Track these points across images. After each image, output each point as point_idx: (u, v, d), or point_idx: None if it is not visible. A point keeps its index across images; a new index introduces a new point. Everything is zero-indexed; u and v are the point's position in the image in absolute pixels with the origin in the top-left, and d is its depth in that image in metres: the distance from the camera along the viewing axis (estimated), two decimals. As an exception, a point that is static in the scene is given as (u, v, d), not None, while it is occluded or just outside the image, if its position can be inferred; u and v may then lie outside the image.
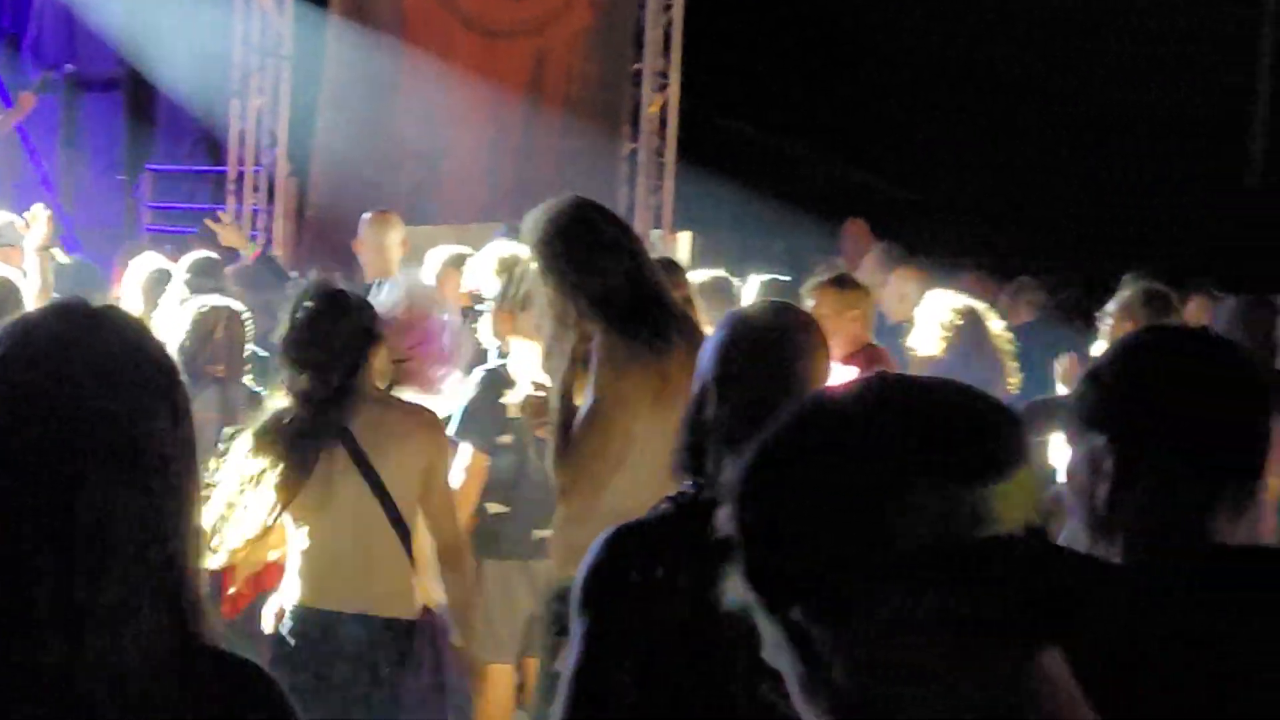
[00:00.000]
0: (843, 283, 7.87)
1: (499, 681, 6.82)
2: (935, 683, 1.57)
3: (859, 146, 22.11)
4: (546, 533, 5.91)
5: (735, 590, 1.69)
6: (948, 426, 1.61)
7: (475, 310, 7.91)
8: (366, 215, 9.90)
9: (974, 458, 1.58)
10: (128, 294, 8.67)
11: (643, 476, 5.02)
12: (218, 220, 10.99)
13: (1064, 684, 1.63)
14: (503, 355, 7.27)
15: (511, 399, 6.42)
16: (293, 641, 5.51)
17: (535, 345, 6.06)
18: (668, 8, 16.42)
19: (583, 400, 5.40)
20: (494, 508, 6.79)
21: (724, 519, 1.68)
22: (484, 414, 6.73)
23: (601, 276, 5.40)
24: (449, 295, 8.79)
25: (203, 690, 2.20)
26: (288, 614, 5.56)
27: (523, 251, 7.65)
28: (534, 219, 5.55)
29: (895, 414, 1.62)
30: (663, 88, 16.58)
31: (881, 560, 1.55)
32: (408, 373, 6.12)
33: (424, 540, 5.69)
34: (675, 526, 3.44)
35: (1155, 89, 22.29)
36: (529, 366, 6.25)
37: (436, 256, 9.37)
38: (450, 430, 6.39)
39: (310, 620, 5.51)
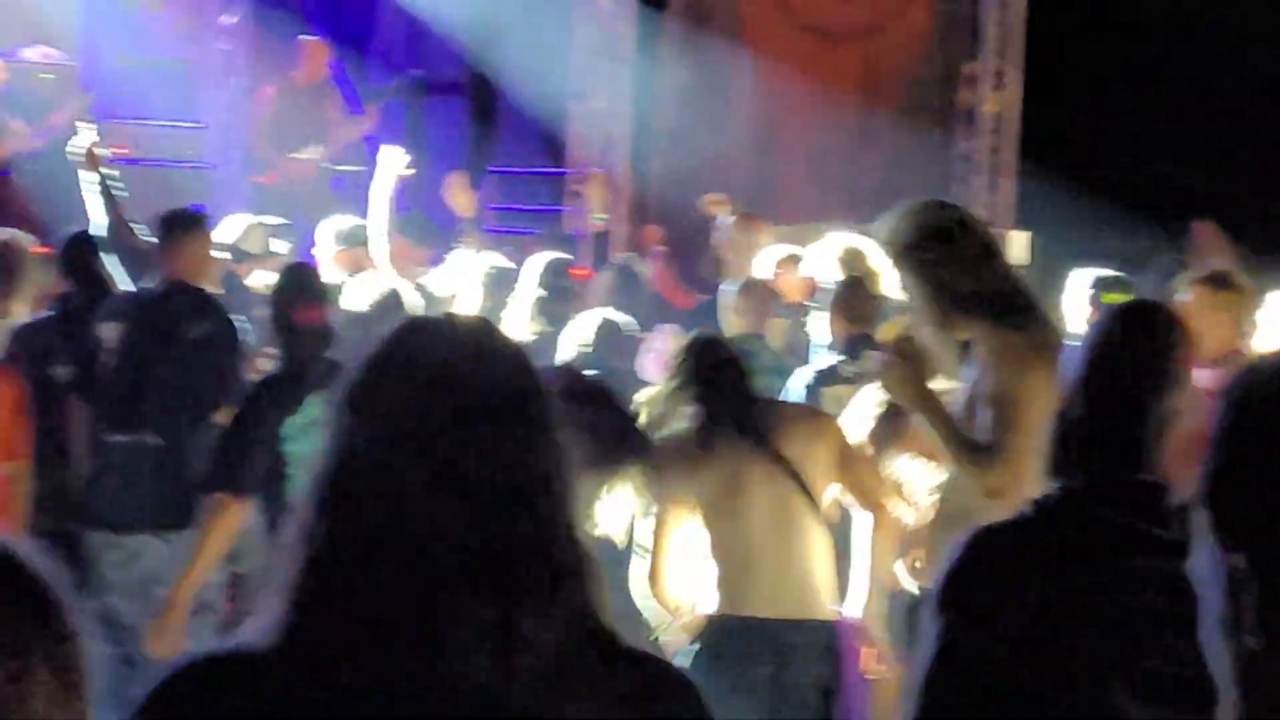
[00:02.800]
0: (1217, 281, 7.33)
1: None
2: None
3: (1201, 147, 21.64)
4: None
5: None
6: None
7: (810, 305, 7.97)
8: (731, 218, 9.99)
9: None
10: (466, 292, 8.87)
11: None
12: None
13: None
14: (844, 353, 7.31)
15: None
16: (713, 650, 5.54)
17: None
18: (1006, 6, 16.27)
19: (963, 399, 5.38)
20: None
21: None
22: None
23: (977, 275, 5.38)
24: (787, 292, 8.89)
25: (619, 690, 2.27)
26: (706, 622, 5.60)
27: (864, 243, 7.70)
28: (899, 222, 5.54)
29: None
30: (1000, 87, 16.44)
31: None
32: None
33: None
34: (1036, 530, 3.42)
35: None
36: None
37: (772, 254, 9.47)
38: None
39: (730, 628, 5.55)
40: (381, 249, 9.11)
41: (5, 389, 7.48)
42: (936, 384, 5.55)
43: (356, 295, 7.42)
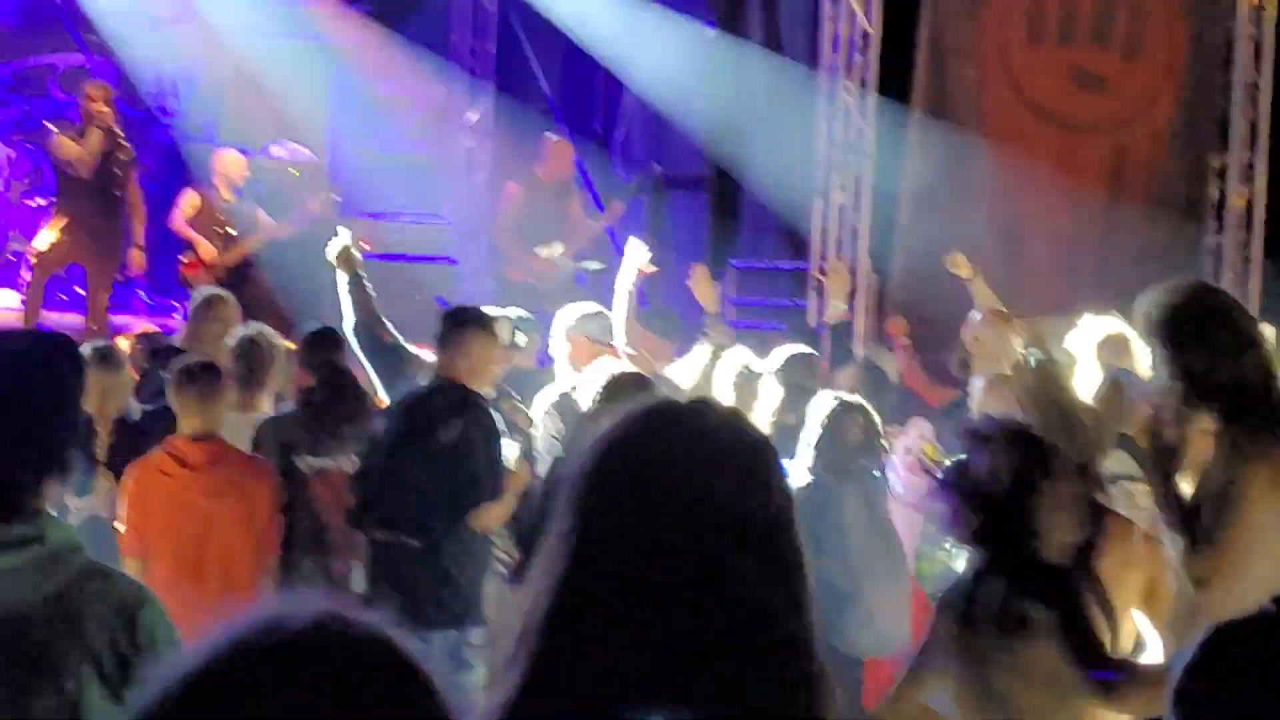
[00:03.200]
0: None
1: None
2: None
3: None
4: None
5: None
6: None
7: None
8: (978, 314, 9.90)
9: None
10: (714, 385, 8.83)
11: (1261, 571, 4.88)
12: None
13: None
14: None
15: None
16: None
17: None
18: (1253, 98, 15.99)
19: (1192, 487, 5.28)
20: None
21: None
22: None
23: (1227, 366, 5.27)
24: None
25: None
26: None
27: (1125, 330, 7.56)
28: (1157, 300, 5.44)
29: None
30: (1248, 179, 16.13)
31: None
32: None
33: None
34: (1275, 627, 3.32)
35: None
36: None
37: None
38: None
39: None
40: (625, 341, 9.11)
41: (265, 485, 7.60)
42: (1183, 476, 5.44)
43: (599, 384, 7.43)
